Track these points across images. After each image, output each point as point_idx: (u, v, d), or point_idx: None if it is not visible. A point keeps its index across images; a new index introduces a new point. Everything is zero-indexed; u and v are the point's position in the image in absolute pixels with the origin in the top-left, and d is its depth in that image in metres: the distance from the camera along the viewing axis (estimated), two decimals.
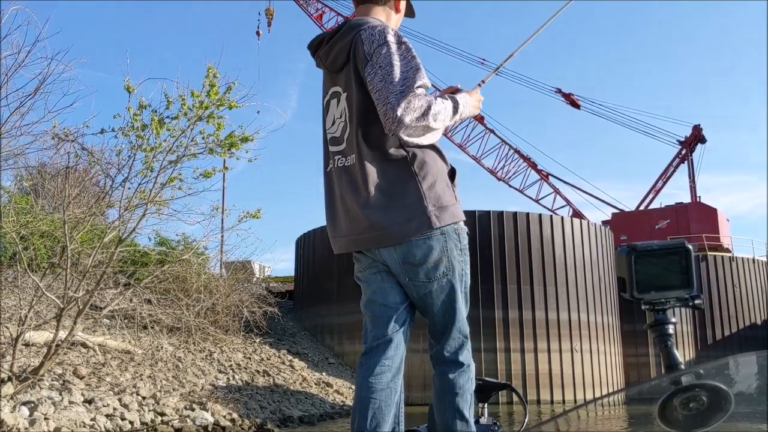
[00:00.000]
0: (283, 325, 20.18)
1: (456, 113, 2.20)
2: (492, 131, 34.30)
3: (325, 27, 32.12)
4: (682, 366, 1.26)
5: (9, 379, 7.79)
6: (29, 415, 7.65)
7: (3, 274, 10.78)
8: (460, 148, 34.13)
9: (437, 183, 2.17)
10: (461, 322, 2.24)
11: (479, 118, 33.91)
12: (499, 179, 34.91)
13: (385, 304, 2.24)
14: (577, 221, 22.33)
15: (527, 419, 3.20)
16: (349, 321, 18.92)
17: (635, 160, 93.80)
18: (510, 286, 19.79)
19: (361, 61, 2.17)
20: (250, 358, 15.65)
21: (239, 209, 9.85)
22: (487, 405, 2.59)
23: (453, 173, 2.27)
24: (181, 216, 9.05)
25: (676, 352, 1.30)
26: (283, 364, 16.69)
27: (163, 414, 9.53)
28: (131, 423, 8.86)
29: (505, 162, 34.64)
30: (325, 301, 20.87)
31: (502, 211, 20.48)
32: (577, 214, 32.60)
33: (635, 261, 1.33)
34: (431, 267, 2.15)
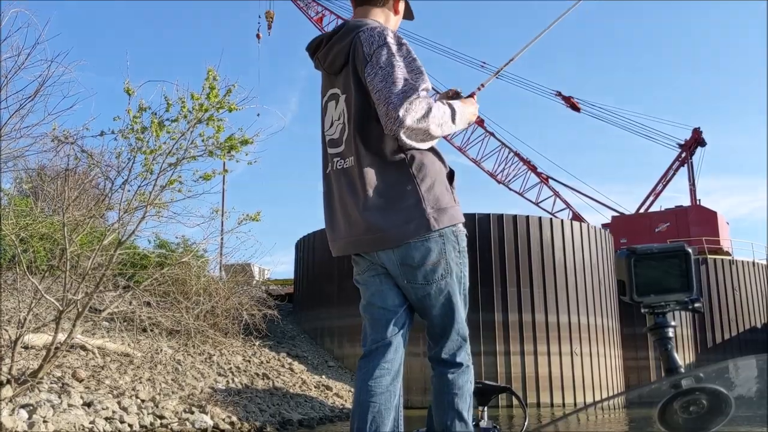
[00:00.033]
0: (282, 328, 20.15)
1: (453, 121, 2.17)
2: (492, 134, 34.32)
3: (325, 30, 32.13)
4: (682, 369, 1.26)
5: (8, 381, 7.78)
6: (28, 418, 7.64)
7: (2, 276, 10.77)
8: (460, 151, 34.16)
9: (436, 185, 2.16)
10: (460, 325, 2.23)
11: (479, 121, 33.92)
12: (499, 182, 34.93)
13: (384, 306, 2.23)
14: (577, 224, 22.31)
15: (527, 422, 3.19)
16: (348, 324, 18.89)
17: (635, 163, 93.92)
18: (510, 289, 19.77)
19: (361, 63, 2.16)
20: (249, 361, 15.62)
21: (239, 212, 9.89)
22: (486, 408, 2.58)
23: (452, 175, 2.26)
24: (181, 218, 9.08)
25: (676, 356, 1.30)
26: (283, 367, 16.66)
27: (162, 417, 9.51)
28: (130, 426, 8.85)
29: (505, 165, 34.67)
30: (324, 304, 20.85)
31: (502, 214, 20.47)
32: (577, 217, 32.60)
33: (635, 264, 1.33)
34: (429, 269, 2.14)
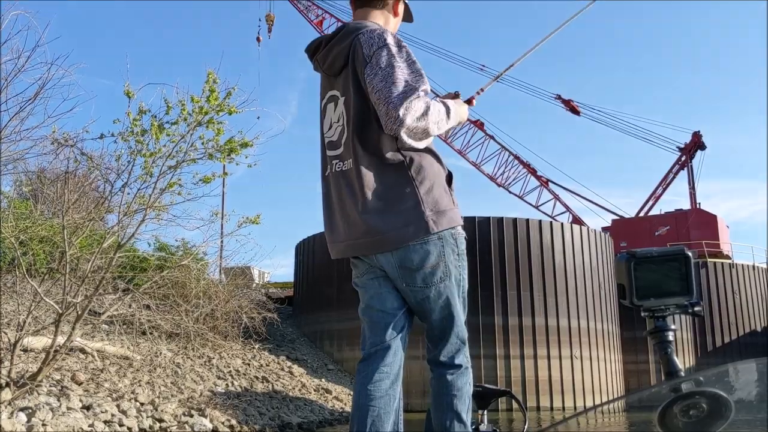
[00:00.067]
0: (282, 331, 20.13)
1: (448, 118, 2.19)
2: (492, 137, 34.34)
3: (325, 33, 32.22)
4: (682, 373, 1.25)
5: (7, 384, 7.76)
6: (27, 421, 7.62)
7: (2, 279, 10.76)
8: (459, 154, 34.17)
9: (435, 187, 2.16)
10: (459, 327, 2.23)
11: (479, 125, 33.97)
12: (498, 185, 34.93)
13: (383, 309, 2.22)
14: (576, 227, 22.30)
15: (527, 426, 3.19)
16: (348, 327, 18.87)
17: (635, 167, 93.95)
18: (510, 292, 19.75)
19: (360, 64, 2.16)
20: (249, 364, 15.60)
21: (239, 215, 9.88)
22: (486, 412, 2.57)
23: (450, 178, 2.26)
24: (181, 221, 9.07)
25: (676, 359, 1.29)
26: (282, 370, 16.64)
27: (161, 420, 9.49)
28: (129, 429, 8.82)
29: (505, 168, 34.69)
30: (324, 307, 20.83)
31: (502, 217, 20.47)
32: (576, 221, 32.60)
33: (635, 268, 1.33)
34: (428, 272, 2.13)
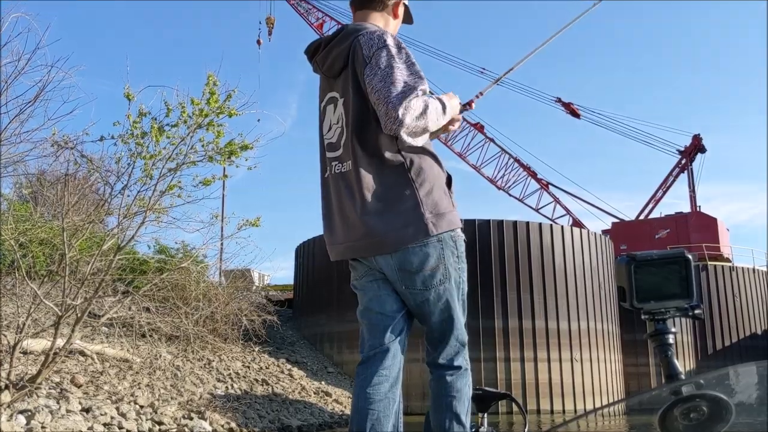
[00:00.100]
0: (282, 334, 20.12)
1: (445, 114, 2.21)
2: (492, 140, 34.35)
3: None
4: (683, 376, 1.25)
5: (6, 387, 7.75)
6: (26, 423, 7.61)
7: (2, 281, 10.75)
8: (460, 157, 34.19)
9: (434, 190, 2.16)
10: (459, 330, 2.22)
11: (479, 127, 33.98)
12: (499, 188, 34.93)
13: (382, 312, 2.21)
14: (577, 230, 22.29)
15: (527, 429, 3.19)
16: (348, 330, 18.85)
17: (635, 170, 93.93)
18: (510, 295, 19.74)
19: (360, 65, 2.16)
20: (248, 367, 15.59)
21: (239, 217, 9.87)
22: (486, 415, 2.57)
23: (449, 180, 2.26)
24: (181, 224, 9.06)
25: (677, 362, 1.29)
26: (282, 373, 16.62)
27: (160, 423, 9.48)
28: None
29: (505, 171, 34.69)
30: (324, 310, 20.82)
31: (502, 220, 20.46)
32: (577, 224, 32.59)
33: (635, 270, 1.33)
34: (428, 274, 2.13)
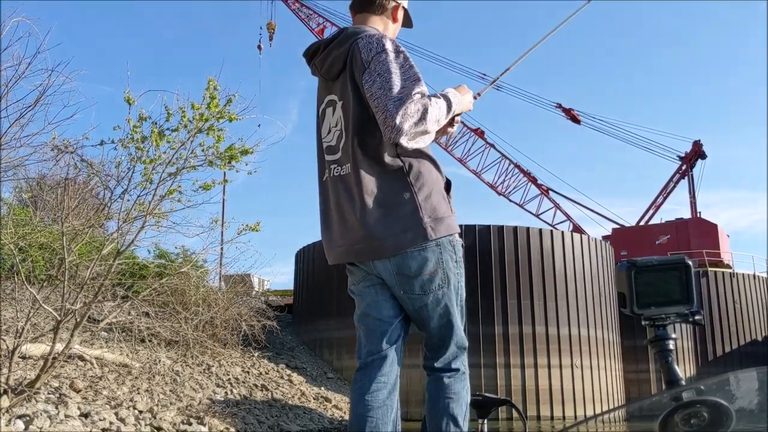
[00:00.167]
0: (281, 339, 20.09)
1: (449, 111, 2.17)
2: (492, 146, 34.35)
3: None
4: (683, 382, 1.25)
5: (5, 392, 7.73)
6: (25, 428, 7.59)
7: (1, 286, 10.75)
8: (460, 162, 34.16)
9: (433, 194, 2.15)
10: (458, 335, 2.21)
11: (480, 133, 34.01)
12: (499, 194, 34.92)
13: (380, 318, 2.20)
14: (577, 236, 22.26)
15: None
16: (348, 335, 18.80)
17: (636, 176, 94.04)
18: (510, 301, 19.71)
19: (359, 69, 2.15)
20: (248, 372, 15.56)
21: (238, 222, 9.86)
22: (486, 421, 2.56)
23: (448, 185, 2.25)
24: (181, 228, 9.01)
25: (677, 368, 1.29)
26: (282, 378, 16.59)
27: (159, 428, 9.46)
28: None
29: (506, 177, 34.69)
30: (324, 315, 20.78)
31: (503, 226, 20.44)
32: (577, 229, 32.60)
33: (635, 276, 1.33)
34: (427, 279, 2.11)
